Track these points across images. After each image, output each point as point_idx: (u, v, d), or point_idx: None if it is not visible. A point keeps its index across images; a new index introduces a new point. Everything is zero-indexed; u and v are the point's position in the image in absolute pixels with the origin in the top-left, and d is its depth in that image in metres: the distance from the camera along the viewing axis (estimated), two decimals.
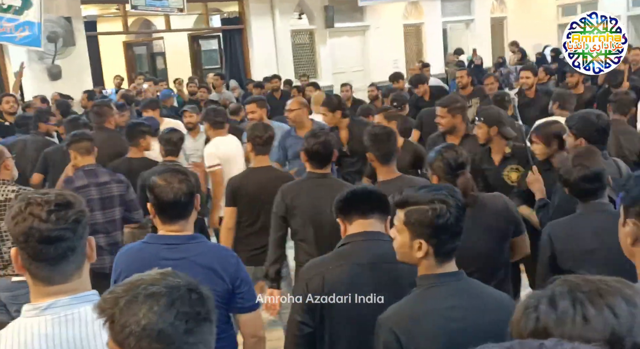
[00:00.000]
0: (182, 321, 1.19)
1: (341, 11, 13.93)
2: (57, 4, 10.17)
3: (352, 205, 2.30)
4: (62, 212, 1.59)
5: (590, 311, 1.03)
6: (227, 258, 2.39)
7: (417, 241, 1.87)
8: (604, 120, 3.36)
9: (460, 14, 16.53)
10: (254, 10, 12.85)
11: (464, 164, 2.82)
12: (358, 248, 2.19)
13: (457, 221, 1.88)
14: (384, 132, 3.37)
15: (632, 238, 1.56)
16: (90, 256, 1.69)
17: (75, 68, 10.63)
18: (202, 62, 14.37)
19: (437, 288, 1.89)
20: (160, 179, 2.32)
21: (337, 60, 14.14)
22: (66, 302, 1.59)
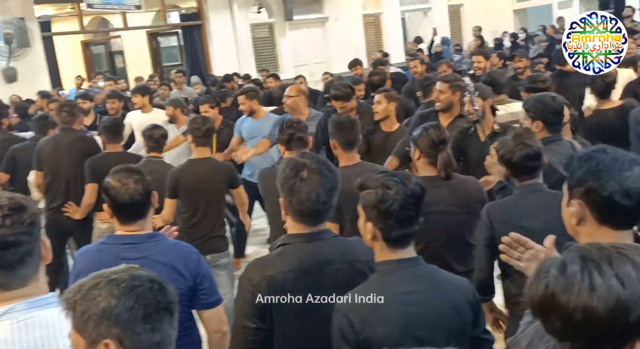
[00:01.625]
0: (140, 307, 1.21)
1: (300, 3, 13.95)
2: (9, 5, 9.98)
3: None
4: (17, 216, 1.56)
5: (597, 279, 1.04)
6: (188, 255, 2.38)
7: (368, 223, 1.92)
8: (559, 102, 3.41)
9: (418, 3, 16.70)
10: (212, 5, 12.78)
11: (445, 141, 3.02)
12: (301, 251, 2.06)
13: (403, 209, 1.87)
14: (348, 120, 3.48)
15: (577, 218, 1.60)
16: (46, 257, 1.67)
17: (32, 69, 10.44)
18: (162, 60, 14.24)
19: (394, 273, 1.90)
20: (114, 180, 2.32)
21: (298, 52, 14.16)
22: (24, 307, 1.57)
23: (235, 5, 12.92)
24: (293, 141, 3.42)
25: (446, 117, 4.38)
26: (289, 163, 2.08)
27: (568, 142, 3.41)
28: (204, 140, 4.07)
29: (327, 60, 14.53)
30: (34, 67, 10.50)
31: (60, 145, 4.88)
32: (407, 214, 1.89)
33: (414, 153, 3.06)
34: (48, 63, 11.05)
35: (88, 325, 1.21)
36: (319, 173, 2.01)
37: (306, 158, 2.08)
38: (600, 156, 1.59)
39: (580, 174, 1.59)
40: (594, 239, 1.55)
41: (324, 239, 2.08)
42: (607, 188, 1.54)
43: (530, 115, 3.37)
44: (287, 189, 2.03)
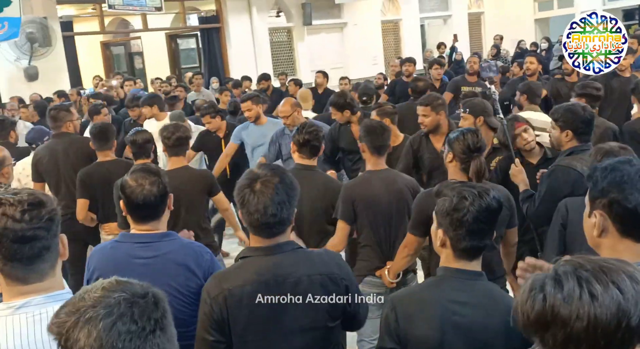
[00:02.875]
0: (126, 341, 1.16)
1: (319, 8, 13.97)
2: (32, 5, 10.10)
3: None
4: (36, 211, 1.60)
5: (597, 287, 1.05)
6: (201, 254, 2.39)
7: (439, 230, 1.92)
8: (589, 111, 3.37)
9: (438, 10, 16.66)
10: (232, 9, 12.84)
11: (481, 149, 2.98)
12: (259, 264, 2.04)
13: (476, 221, 1.85)
14: (379, 125, 3.52)
15: (599, 230, 1.59)
16: (63, 253, 1.69)
17: (52, 69, 10.56)
18: (180, 61, 14.33)
19: (449, 280, 1.91)
20: (131, 180, 2.34)
21: (315, 57, 14.17)
22: (40, 301, 1.60)
23: (255, 9, 12.97)
24: (306, 146, 3.49)
25: (438, 138, 4.27)
26: (247, 174, 2.07)
27: None
28: (176, 150, 3.94)
29: (344, 66, 14.52)
30: (55, 66, 10.61)
31: (56, 152, 4.67)
32: (480, 227, 1.88)
33: (447, 155, 3.03)
34: (68, 62, 11.16)
35: None
36: (272, 186, 1.99)
37: (264, 169, 2.06)
38: (625, 167, 1.57)
39: (604, 185, 1.58)
40: (616, 251, 1.56)
41: (284, 251, 2.05)
42: (631, 201, 1.53)
43: (559, 124, 3.34)
44: (239, 200, 2.03)
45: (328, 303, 2.04)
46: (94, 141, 4.43)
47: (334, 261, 2.14)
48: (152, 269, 2.25)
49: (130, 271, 1.71)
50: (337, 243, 3.31)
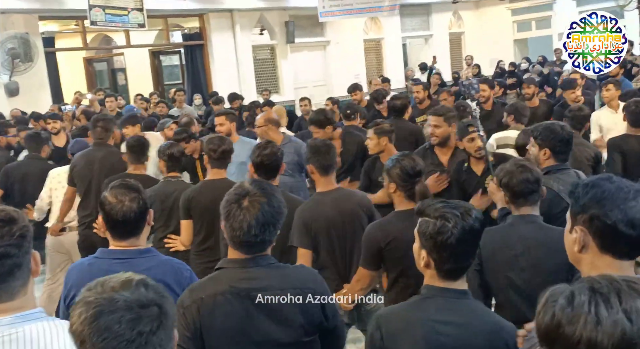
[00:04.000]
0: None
1: (302, 26, 14.07)
2: (14, 20, 10.05)
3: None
4: (7, 228, 1.56)
5: (603, 312, 1.03)
6: (180, 271, 2.37)
7: (422, 251, 1.91)
8: (567, 131, 3.40)
9: (419, 30, 16.87)
10: (215, 26, 12.89)
11: (421, 172, 2.93)
12: (234, 276, 2.02)
13: (460, 243, 1.84)
14: (324, 144, 3.44)
15: (580, 245, 1.59)
16: (35, 271, 1.66)
17: (34, 84, 10.48)
18: (163, 78, 14.30)
19: (434, 300, 1.89)
20: (111, 196, 2.31)
21: (298, 74, 14.25)
22: (9, 321, 1.55)
23: (238, 27, 13.03)
24: (261, 169, 3.42)
25: (444, 151, 4.29)
26: (237, 187, 2.06)
27: (574, 171, 3.38)
28: (219, 162, 3.92)
29: (327, 84, 14.62)
30: (36, 82, 10.53)
31: (93, 160, 4.84)
32: (464, 248, 1.87)
33: (389, 186, 2.97)
34: (50, 78, 11.09)
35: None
36: (259, 206, 1.97)
37: (255, 186, 2.03)
38: (606, 184, 1.59)
39: (585, 201, 1.59)
40: (595, 267, 1.57)
41: (259, 265, 2.03)
42: (611, 217, 1.54)
43: (538, 142, 3.36)
44: (225, 213, 2.01)
45: (303, 319, 2.02)
46: (129, 153, 4.55)
47: (310, 276, 2.13)
48: None
49: None
50: None
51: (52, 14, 11.10)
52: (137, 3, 10.29)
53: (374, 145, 4.43)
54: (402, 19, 15.94)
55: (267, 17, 13.49)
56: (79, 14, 10.43)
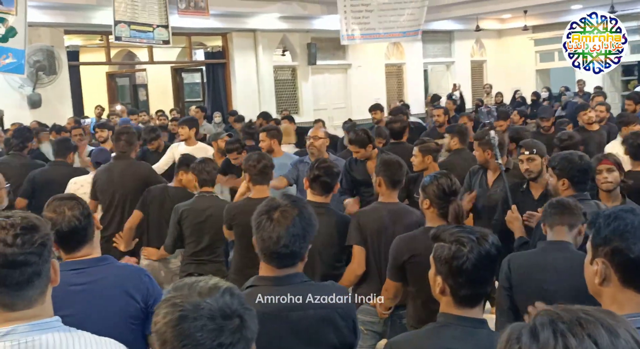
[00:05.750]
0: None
1: (324, 49, 14.14)
2: (40, 33, 10.20)
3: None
4: (28, 236, 1.55)
5: (572, 341, 1.02)
6: (139, 277, 2.32)
7: (438, 277, 1.87)
8: (586, 160, 3.36)
9: (441, 56, 16.89)
10: (238, 45, 13.00)
11: (457, 192, 2.95)
12: (266, 293, 2.00)
13: (476, 269, 1.80)
14: (397, 160, 3.59)
15: (600, 278, 1.55)
16: (54, 279, 1.65)
17: (56, 97, 10.60)
18: (184, 95, 14.42)
19: (449, 328, 1.84)
20: (49, 212, 2.26)
21: (318, 96, 14.28)
22: (26, 329, 1.53)
23: (260, 47, 13.13)
24: (317, 182, 3.48)
25: (490, 175, 4.46)
26: (268, 201, 2.08)
27: (594, 202, 3.32)
28: (261, 178, 3.85)
29: (347, 106, 14.63)
30: (58, 95, 10.66)
31: (114, 173, 4.89)
32: (480, 274, 1.82)
33: (423, 202, 2.99)
34: (72, 91, 11.22)
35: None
36: (290, 218, 1.98)
37: (287, 200, 2.05)
38: (628, 216, 1.54)
39: (607, 233, 1.53)
40: (616, 301, 1.52)
41: (292, 283, 2.02)
42: (634, 251, 1.49)
43: (556, 172, 3.32)
44: (256, 225, 2.03)
45: (335, 339, 2.00)
46: (178, 166, 4.59)
47: (342, 294, 2.09)
48: (89, 295, 2.18)
49: (67, 299, 1.66)
50: (356, 267, 3.35)
51: (78, 28, 11.28)
52: (162, 20, 10.40)
53: (418, 162, 4.51)
54: (424, 45, 15.98)
55: (289, 38, 13.59)
56: (104, 29, 10.58)
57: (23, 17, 8.53)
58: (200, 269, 4.01)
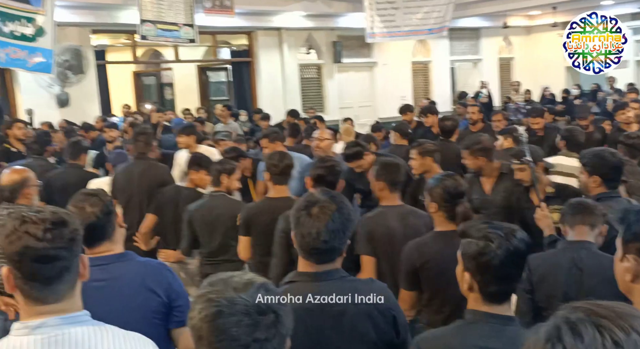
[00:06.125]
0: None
1: (349, 47, 14.06)
2: (67, 33, 10.30)
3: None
4: (58, 230, 1.56)
5: (620, 334, 0.97)
6: (161, 272, 2.33)
7: (465, 273, 1.85)
8: (617, 158, 3.31)
9: (468, 53, 16.68)
10: (263, 44, 12.98)
11: (463, 194, 2.88)
12: (305, 290, 2.00)
13: (503, 265, 1.77)
14: (394, 162, 3.52)
15: (633, 274, 1.52)
16: (83, 274, 1.66)
17: (84, 96, 10.70)
18: (209, 93, 14.46)
19: (477, 325, 1.82)
20: (72, 206, 2.29)
21: (344, 94, 14.20)
22: (56, 322, 1.56)
23: (285, 45, 13.09)
24: (320, 181, 3.45)
25: (485, 181, 4.25)
26: (307, 196, 2.09)
27: (626, 199, 3.28)
28: (281, 178, 3.78)
29: (372, 104, 14.53)
30: (86, 94, 10.76)
31: (133, 174, 4.90)
32: (508, 271, 1.79)
33: (430, 206, 2.92)
34: (100, 90, 11.31)
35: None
36: (329, 213, 1.98)
37: (325, 195, 2.05)
38: None
39: (637, 229, 1.51)
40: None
41: (331, 279, 2.02)
42: None
43: (587, 169, 3.27)
44: (295, 221, 2.04)
45: (375, 335, 1.98)
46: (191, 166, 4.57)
47: (382, 290, 2.08)
48: (110, 291, 2.20)
49: (88, 296, 1.69)
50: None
51: (105, 27, 11.37)
52: (188, 19, 10.42)
53: (418, 165, 4.35)
54: (451, 43, 15.80)
55: (315, 36, 13.53)
56: (131, 28, 10.63)
57: (51, 16, 8.60)
58: (218, 270, 3.93)
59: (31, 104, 9.96)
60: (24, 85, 10.17)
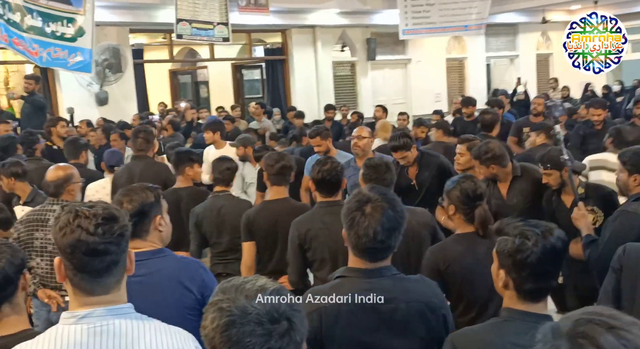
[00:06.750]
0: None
1: (383, 44, 13.98)
2: (106, 33, 10.49)
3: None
4: (108, 226, 1.62)
5: (629, 336, 1.02)
6: (194, 269, 2.37)
7: (501, 271, 1.84)
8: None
9: (505, 50, 16.41)
10: (297, 42, 13.01)
11: (482, 196, 2.84)
12: (358, 286, 2.00)
13: (540, 262, 1.77)
14: (383, 163, 3.33)
15: None
16: (130, 269, 1.72)
17: (122, 94, 10.90)
18: (244, 91, 14.56)
19: (513, 323, 1.80)
20: (115, 202, 2.36)
21: (378, 92, 14.14)
22: (102, 313, 1.62)
23: (319, 43, 13.09)
24: (322, 184, 3.32)
25: (501, 184, 4.15)
26: (357, 195, 2.05)
27: None
28: (278, 178, 3.70)
29: (406, 101, 14.42)
30: (124, 92, 10.95)
31: (134, 173, 4.84)
32: (544, 268, 1.79)
33: (448, 208, 2.87)
34: (137, 89, 11.50)
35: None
36: (382, 211, 1.97)
37: (375, 192, 2.03)
38: None
39: None
40: None
41: (383, 276, 2.02)
42: None
43: (627, 167, 3.18)
44: (348, 221, 2.01)
45: (425, 333, 1.99)
46: (174, 164, 4.54)
47: (431, 289, 2.08)
48: (146, 286, 2.23)
49: (126, 290, 1.74)
50: None
51: (142, 26, 11.54)
52: (222, 17, 10.51)
53: (465, 160, 4.27)
54: (487, 39, 15.56)
55: (349, 33, 13.49)
56: (167, 28, 10.79)
57: (91, 17, 8.78)
58: (229, 269, 3.97)
59: (72, 103, 10.18)
60: (65, 84, 10.40)
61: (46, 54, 8.53)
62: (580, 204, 3.42)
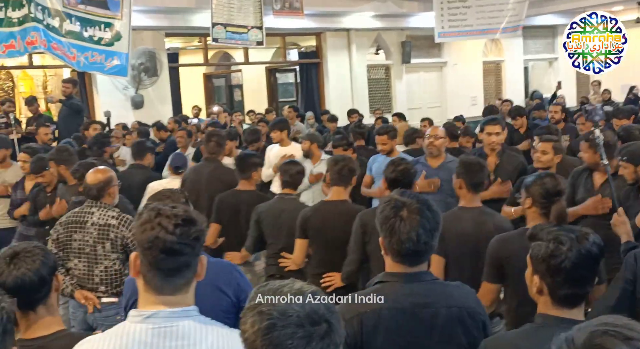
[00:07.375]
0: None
1: (418, 47, 13.82)
2: (143, 37, 10.59)
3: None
4: (186, 228, 1.67)
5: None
6: (229, 272, 2.39)
7: (535, 276, 1.83)
8: None
9: (543, 52, 16.07)
10: (331, 45, 12.94)
11: (561, 192, 2.86)
12: (398, 291, 1.99)
13: (575, 268, 1.74)
14: (478, 162, 3.46)
15: None
16: (200, 274, 1.74)
17: (157, 97, 10.99)
18: (278, 95, 14.56)
19: (548, 329, 1.76)
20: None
21: (413, 95, 13.98)
22: (167, 314, 1.65)
23: (354, 46, 13.00)
24: (395, 183, 3.52)
25: (596, 177, 4.13)
26: (389, 202, 2.04)
27: None
28: (341, 180, 3.82)
29: (442, 105, 14.23)
30: (159, 95, 11.04)
31: (201, 175, 4.98)
32: (580, 274, 1.75)
33: (525, 201, 2.90)
34: (172, 92, 11.59)
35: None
36: (419, 213, 1.96)
37: (406, 197, 2.03)
38: None
39: None
40: None
41: (423, 281, 2.02)
42: None
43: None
44: (387, 229, 1.99)
45: (464, 339, 1.97)
46: (236, 169, 4.66)
47: (471, 295, 2.06)
48: None
49: None
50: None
51: (178, 30, 11.63)
52: (257, 21, 10.52)
53: (547, 159, 4.26)
54: (524, 41, 15.26)
55: (383, 36, 13.38)
56: (202, 32, 10.84)
57: (128, 21, 8.87)
58: (282, 271, 4.02)
59: (108, 106, 10.30)
60: (102, 87, 10.54)
61: (84, 58, 8.64)
62: (620, 210, 3.34)
